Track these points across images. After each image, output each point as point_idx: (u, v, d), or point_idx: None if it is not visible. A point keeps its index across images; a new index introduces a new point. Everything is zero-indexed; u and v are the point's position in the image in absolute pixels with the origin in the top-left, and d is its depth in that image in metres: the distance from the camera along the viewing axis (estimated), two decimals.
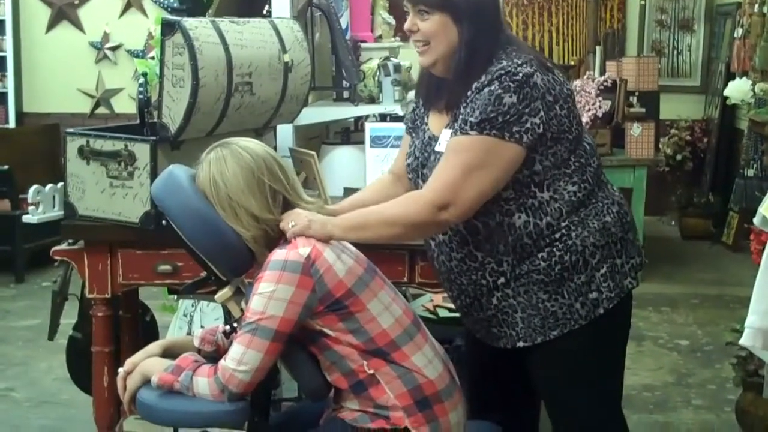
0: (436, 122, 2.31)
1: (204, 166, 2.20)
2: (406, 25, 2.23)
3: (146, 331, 3.53)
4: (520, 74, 2.09)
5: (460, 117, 2.14)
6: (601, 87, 5.97)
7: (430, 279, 2.75)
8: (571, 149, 2.19)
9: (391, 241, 2.31)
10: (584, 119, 5.84)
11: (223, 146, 2.21)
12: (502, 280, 2.21)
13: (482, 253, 2.21)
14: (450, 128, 2.20)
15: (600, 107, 5.86)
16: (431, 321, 3.40)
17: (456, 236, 2.25)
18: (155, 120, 2.74)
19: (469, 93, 2.15)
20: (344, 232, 2.16)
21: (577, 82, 6.03)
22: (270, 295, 2.07)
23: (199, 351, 2.27)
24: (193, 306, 3.89)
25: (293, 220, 2.15)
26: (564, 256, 2.17)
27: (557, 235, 2.18)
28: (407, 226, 2.16)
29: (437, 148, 2.24)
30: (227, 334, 2.30)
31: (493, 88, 2.09)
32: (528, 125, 2.10)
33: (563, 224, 2.18)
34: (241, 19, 2.91)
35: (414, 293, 3.85)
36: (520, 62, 2.12)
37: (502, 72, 2.10)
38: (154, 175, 2.64)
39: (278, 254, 2.11)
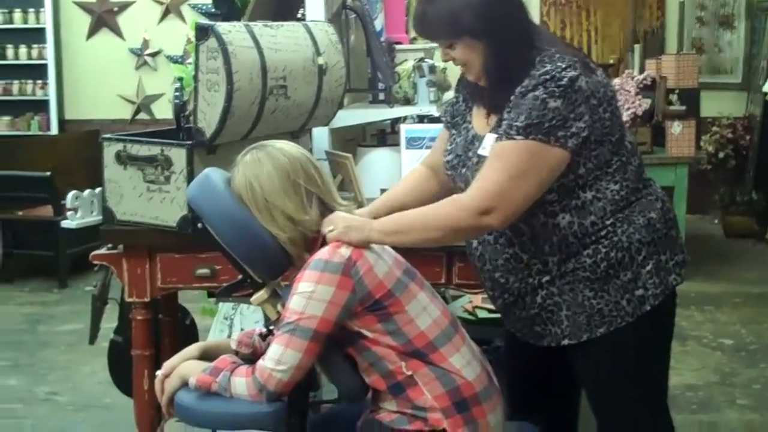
0: (479, 122, 2.31)
1: (240, 169, 2.22)
2: (442, 58, 2.28)
3: (186, 334, 3.56)
4: (565, 78, 2.09)
5: (505, 122, 2.14)
6: (641, 85, 5.91)
7: (468, 280, 2.74)
8: (614, 150, 2.19)
9: (430, 245, 2.32)
10: (624, 118, 5.76)
11: (258, 149, 2.23)
12: (547, 278, 2.22)
13: (527, 255, 2.22)
14: (494, 133, 2.20)
15: (640, 105, 5.81)
16: (470, 322, 3.39)
17: (501, 237, 2.26)
18: (191, 125, 2.76)
19: (512, 97, 2.15)
20: (383, 236, 2.17)
21: (617, 81, 5.98)
22: (310, 295, 2.07)
23: (236, 353, 2.28)
24: (233, 309, 3.90)
25: (332, 224, 2.16)
26: (610, 253, 2.18)
27: (603, 233, 2.19)
28: (449, 231, 2.15)
29: (480, 151, 2.23)
30: (264, 337, 2.31)
31: (537, 93, 2.09)
32: (573, 129, 2.10)
33: (608, 222, 2.19)
34: (275, 23, 2.91)
35: (453, 295, 3.84)
36: (564, 66, 2.12)
37: (547, 77, 2.10)
38: (190, 179, 2.65)
39: (319, 254, 2.12)
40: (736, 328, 5.16)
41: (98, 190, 3.13)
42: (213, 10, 4.14)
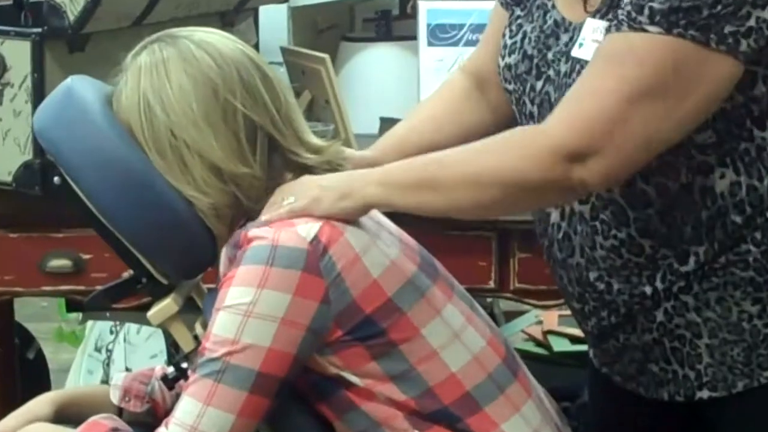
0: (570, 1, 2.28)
1: (129, 80, 2.20)
2: None
3: (29, 375, 3.59)
4: None
5: (627, 0, 2.09)
6: None
7: (536, 284, 2.78)
8: None
9: (477, 213, 2.34)
10: None
11: (165, 43, 2.22)
12: (681, 283, 2.22)
13: (653, 240, 2.22)
14: (604, 18, 2.17)
15: None
16: (540, 360, 3.42)
17: (607, 209, 2.24)
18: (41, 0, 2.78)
19: None
20: (393, 194, 2.15)
21: None
22: (247, 309, 2.06)
23: (120, 412, 2.30)
24: (112, 333, 3.94)
25: (291, 195, 2.15)
26: None
27: None
28: (513, 186, 2.11)
29: (576, 53, 2.21)
30: (170, 382, 2.33)
31: None
32: (751, 23, 2.05)
33: None
34: None
35: (507, 310, 3.84)
36: None
37: None
38: (39, 96, 2.66)
39: (261, 237, 2.10)
40: None
41: None
42: None
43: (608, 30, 2.12)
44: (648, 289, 2.23)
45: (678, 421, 2.33)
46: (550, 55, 2.27)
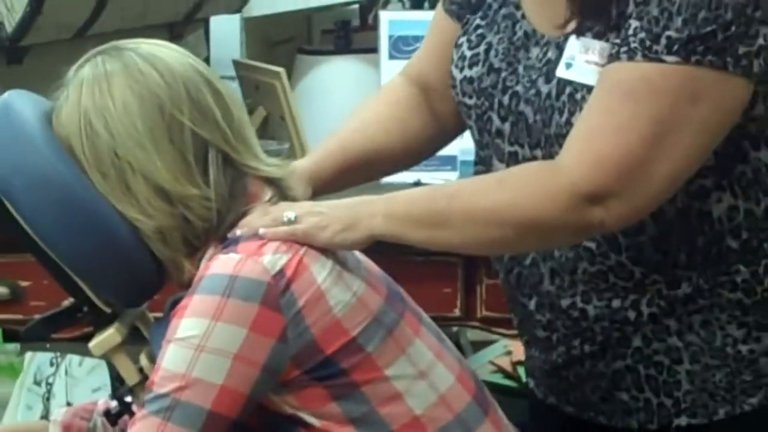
0: (542, 8, 2.28)
1: (70, 96, 2.19)
2: None
3: None
4: None
5: (636, 25, 2.12)
6: None
7: (505, 312, 2.71)
8: None
9: (488, 251, 2.36)
10: None
11: (107, 56, 2.20)
12: (665, 305, 2.24)
13: (645, 267, 2.23)
14: (602, 39, 2.18)
15: None
16: (509, 392, 3.43)
17: (597, 236, 2.25)
18: None
19: None
20: (402, 228, 2.15)
21: None
22: (199, 344, 2.04)
23: None
24: (52, 364, 3.95)
25: (292, 211, 2.12)
26: None
27: None
28: (527, 227, 2.13)
29: (564, 74, 2.21)
30: (114, 418, 2.32)
31: None
32: (761, 41, 2.09)
33: None
34: None
35: (474, 340, 3.86)
36: None
37: None
38: None
39: (220, 264, 2.08)
40: None
41: None
42: None
43: (614, 56, 2.13)
44: (632, 314, 2.25)
45: None
46: (520, 69, 2.28)
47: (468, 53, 2.35)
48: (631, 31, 2.10)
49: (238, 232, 2.12)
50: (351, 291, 2.11)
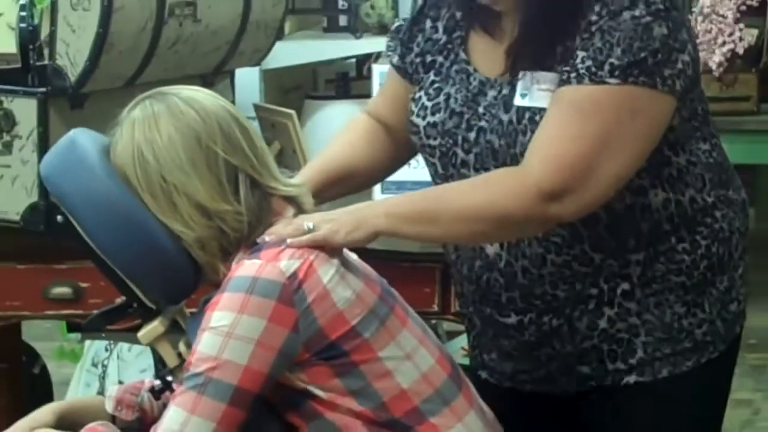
0: (486, 56, 2.32)
1: (124, 132, 2.19)
2: None
3: (34, 388, 3.58)
4: None
5: (583, 55, 2.17)
6: (743, 8, 5.93)
7: None
8: (700, 94, 2.30)
9: (469, 242, 2.33)
10: (716, 58, 5.78)
11: (154, 99, 2.21)
12: (626, 286, 2.28)
13: (602, 254, 2.26)
14: (551, 71, 2.22)
15: (741, 39, 5.83)
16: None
17: (564, 229, 2.27)
18: (46, 62, 2.77)
19: (594, 18, 2.18)
20: (400, 224, 2.18)
21: (706, 1, 6.00)
22: (228, 332, 2.05)
23: (113, 420, 2.27)
24: (107, 350, 3.93)
25: (311, 222, 2.14)
26: (711, 247, 2.29)
27: (701, 216, 2.29)
28: (497, 222, 2.17)
29: (521, 102, 2.24)
30: (157, 393, 2.31)
31: (638, 13, 2.15)
32: (679, 65, 2.17)
33: (709, 199, 2.29)
34: None
35: (449, 330, 3.85)
36: None
37: None
38: (44, 146, 2.66)
39: (245, 268, 2.10)
40: None
41: None
42: None
43: (565, 80, 2.18)
44: (594, 291, 2.28)
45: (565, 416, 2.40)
46: (480, 109, 2.30)
47: (428, 104, 2.36)
48: (579, 60, 2.15)
49: (266, 238, 2.14)
50: (351, 289, 2.12)
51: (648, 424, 2.35)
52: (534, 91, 2.22)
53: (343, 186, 2.43)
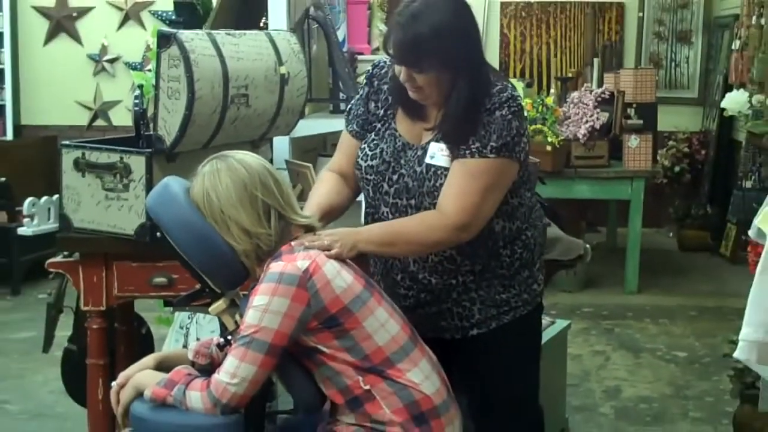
0: (408, 129, 2.40)
1: (199, 179, 2.21)
2: (402, 78, 2.29)
3: (142, 343, 3.52)
4: (518, 98, 2.31)
5: (472, 139, 2.27)
6: (599, 99, 5.96)
7: None
8: (528, 159, 2.41)
9: (408, 255, 2.39)
10: (581, 131, 5.82)
11: (219, 159, 2.22)
12: (471, 277, 2.39)
13: (462, 257, 2.37)
14: (440, 141, 2.31)
15: (598, 119, 5.86)
16: None
17: None
18: (151, 132, 2.74)
19: (480, 116, 2.28)
20: (374, 246, 2.28)
21: (575, 94, 6.02)
22: (265, 308, 2.06)
23: (193, 364, 2.27)
24: (189, 318, 3.87)
25: (336, 236, 2.21)
26: (523, 253, 2.43)
27: (519, 236, 2.41)
28: (429, 245, 2.31)
29: (430, 161, 2.33)
30: (221, 347, 2.30)
31: (504, 113, 2.27)
32: (523, 144, 2.31)
33: (524, 226, 2.43)
34: (238, 32, 2.91)
35: None
36: (509, 85, 2.33)
37: (508, 97, 2.28)
38: (149, 187, 2.64)
39: (275, 266, 2.11)
40: (690, 341, 5.20)
41: (55, 197, 3.10)
42: (174, 17, 4.11)
43: (462, 155, 2.28)
44: (454, 281, 2.40)
45: (458, 351, 2.46)
46: (402, 161, 2.39)
47: (369, 152, 2.43)
48: (471, 142, 2.27)
49: (293, 243, 2.18)
50: (345, 281, 2.15)
51: (487, 358, 2.44)
52: (438, 155, 2.33)
53: (329, 218, 2.44)
